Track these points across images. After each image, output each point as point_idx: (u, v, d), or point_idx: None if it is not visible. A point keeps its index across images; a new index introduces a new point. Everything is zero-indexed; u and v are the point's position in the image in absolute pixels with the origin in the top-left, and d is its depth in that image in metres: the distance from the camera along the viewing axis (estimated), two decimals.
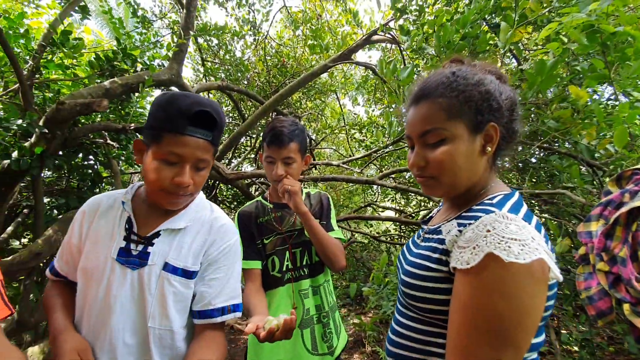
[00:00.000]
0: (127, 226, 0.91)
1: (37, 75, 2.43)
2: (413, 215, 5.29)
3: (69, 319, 0.91)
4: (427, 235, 0.82)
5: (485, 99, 0.71)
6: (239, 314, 0.96)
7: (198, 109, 0.82)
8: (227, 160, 5.55)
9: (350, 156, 6.29)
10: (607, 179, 1.55)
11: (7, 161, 1.96)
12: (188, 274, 0.90)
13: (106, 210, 0.95)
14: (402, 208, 6.01)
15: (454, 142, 0.72)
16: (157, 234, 0.91)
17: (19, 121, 1.99)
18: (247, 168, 6.24)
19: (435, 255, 0.73)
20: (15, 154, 1.95)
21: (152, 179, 0.85)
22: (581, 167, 1.89)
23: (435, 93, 0.74)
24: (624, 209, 1.26)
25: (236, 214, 1.41)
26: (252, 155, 5.88)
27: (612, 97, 2.15)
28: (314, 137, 6.57)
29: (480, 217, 0.67)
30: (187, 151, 0.84)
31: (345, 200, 6.65)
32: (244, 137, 5.31)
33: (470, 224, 0.68)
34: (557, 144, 2.12)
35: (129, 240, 0.90)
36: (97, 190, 2.97)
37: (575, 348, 2.78)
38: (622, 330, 2.59)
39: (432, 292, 0.71)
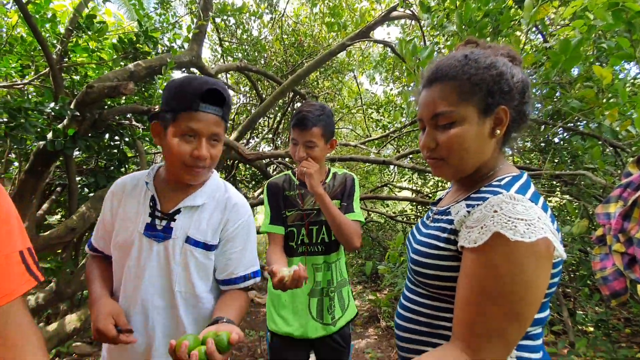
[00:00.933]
0: (151, 204, 1.01)
1: (65, 59, 2.53)
2: (430, 195, 5.27)
3: (105, 288, 1.03)
4: (436, 216, 0.85)
5: (496, 82, 0.72)
6: (258, 279, 1.08)
7: (207, 88, 0.90)
8: (245, 141, 5.64)
9: (367, 136, 6.26)
10: (630, 160, 1.52)
11: (42, 142, 2.09)
12: (208, 247, 1.00)
13: (131, 190, 1.05)
14: (419, 188, 5.99)
15: (463, 125, 0.73)
16: (178, 211, 1.00)
17: (52, 104, 2.09)
18: (265, 148, 6.32)
19: (444, 235, 0.76)
20: (50, 136, 2.07)
21: (173, 155, 0.94)
22: (605, 148, 1.85)
23: (447, 76, 0.75)
24: None
25: (266, 184, 1.52)
26: (270, 136, 5.94)
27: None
28: None
29: (488, 198, 0.69)
30: (202, 126, 0.92)
31: (362, 180, 6.68)
32: (262, 118, 5.36)
33: (478, 204, 0.71)
34: (581, 125, 2.07)
35: (153, 217, 1.00)
36: (124, 169, 3.11)
37: (591, 328, 2.80)
38: (639, 312, 2.59)
39: (440, 269, 0.75)
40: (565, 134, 2.37)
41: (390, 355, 3.08)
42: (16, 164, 2.91)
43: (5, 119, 1.91)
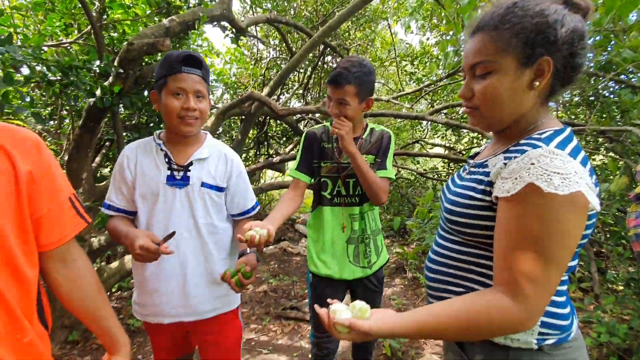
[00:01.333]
0: (166, 159, 1.24)
1: (104, 16, 2.60)
2: (464, 152, 5.14)
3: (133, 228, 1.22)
4: (473, 169, 0.86)
5: (540, 31, 0.69)
6: (258, 206, 1.44)
7: (186, 54, 1.16)
8: (276, 97, 5.64)
9: (400, 90, 6.05)
10: None
11: (92, 99, 2.24)
12: (219, 189, 1.30)
13: (143, 152, 1.27)
14: (452, 145, 5.84)
15: (499, 75, 0.73)
16: (191, 163, 1.26)
17: (97, 62, 2.21)
18: (296, 104, 6.30)
19: (480, 187, 0.78)
20: (98, 92, 2.21)
21: (168, 111, 1.17)
22: None
23: (489, 25, 0.73)
24: None
25: (305, 132, 1.61)
26: (301, 91, 5.89)
27: None
28: None
29: (527, 150, 0.70)
30: (187, 84, 1.16)
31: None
32: (292, 73, 5.30)
33: (516, 157, 0.72)
34: (634, 78, 1.92)
35: (171, 169, 1.24)
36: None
37: (621, 287, 2.79)
38: None
39: (475, 218, 0.78)
40: (615, 87, 2.21)
41: (415, 303, 3.26)
42: (67, 120, 3.15)
43: (58, 77, 2.05)
